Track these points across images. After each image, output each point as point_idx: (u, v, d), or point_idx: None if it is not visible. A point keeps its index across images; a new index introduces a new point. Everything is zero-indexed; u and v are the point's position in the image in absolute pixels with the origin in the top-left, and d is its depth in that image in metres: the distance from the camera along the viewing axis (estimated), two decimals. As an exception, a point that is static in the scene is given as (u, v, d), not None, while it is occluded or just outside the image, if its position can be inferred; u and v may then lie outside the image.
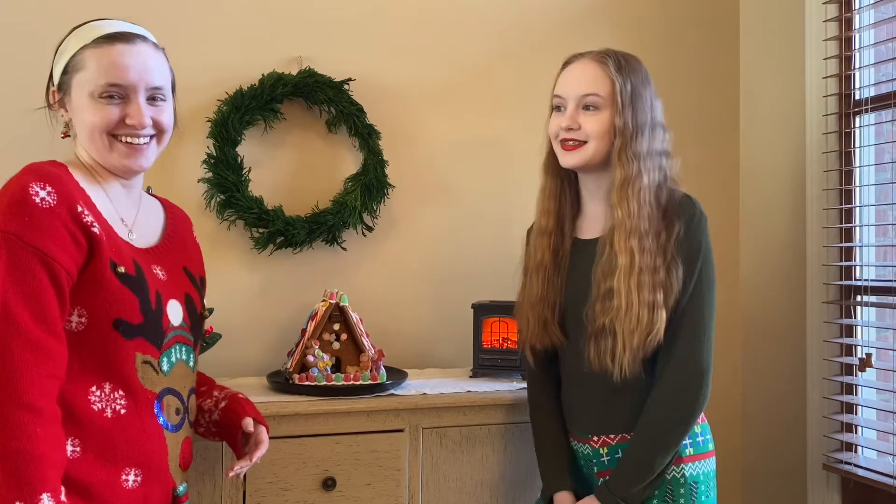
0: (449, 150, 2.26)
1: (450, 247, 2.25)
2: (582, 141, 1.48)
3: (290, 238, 2.04)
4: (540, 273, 1.57)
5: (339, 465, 1.66)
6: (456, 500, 1.76)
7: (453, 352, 2.21)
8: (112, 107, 1.22)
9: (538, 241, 1.59)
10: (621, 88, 1.45)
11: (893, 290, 1.99)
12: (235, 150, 2.02)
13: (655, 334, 1.41)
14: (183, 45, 1.74)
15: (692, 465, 1.47)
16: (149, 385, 1.20)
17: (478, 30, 2.29)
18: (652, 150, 1.47)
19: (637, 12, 2.44)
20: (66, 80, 1.24)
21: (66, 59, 1.24)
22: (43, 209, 1.11)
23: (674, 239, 1.43)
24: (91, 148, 1.24)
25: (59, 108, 1.27)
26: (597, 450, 1.52)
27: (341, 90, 2.10)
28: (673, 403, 1.43)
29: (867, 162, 2.15)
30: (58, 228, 1.12)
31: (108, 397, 1.16)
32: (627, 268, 1.41)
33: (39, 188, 1.12)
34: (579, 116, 1.48)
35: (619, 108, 1.45)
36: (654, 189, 1.46)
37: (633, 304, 1.40)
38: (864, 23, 2.16)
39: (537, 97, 2.30)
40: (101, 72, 1.21)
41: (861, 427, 2.11)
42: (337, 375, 1.76)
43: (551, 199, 1.58)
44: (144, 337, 1.19)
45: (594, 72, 1.48)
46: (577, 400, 1.55)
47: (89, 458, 1.12)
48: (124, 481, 1.15)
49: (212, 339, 1.85)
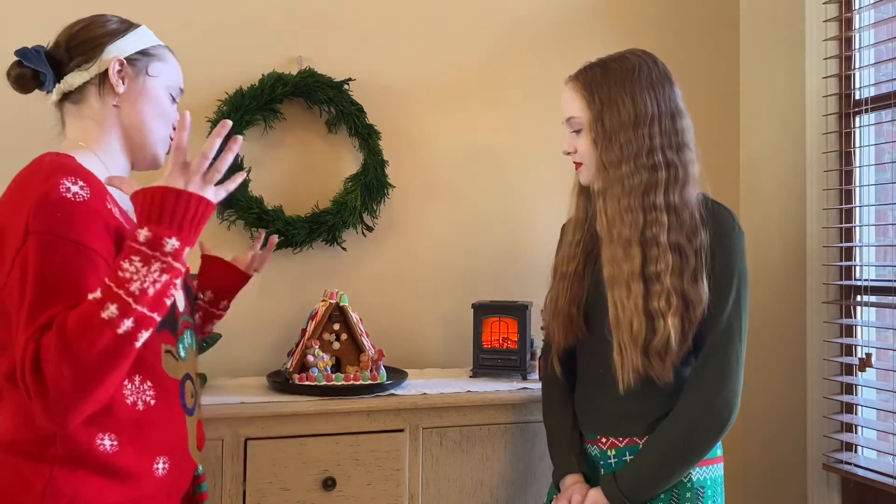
0: (449, 150, 2.26)
1: (450, 247, 2.25)
2: (580, 162, 1.50)
3: (290, 238, 2.04)
4: (566, 282, 1.55)
5: (339, 465, 1.66)
6: (456, 499, 1.76)
7: (453, 352, 2.21)
8: (174, 108, 1.31)
9: (566, 251, 1.58)
10: (589, 103, 1.45)
11: (893, 290, 1.99)
12: (235, 150, 2.02)
13: (662, 342, 1.37)
14: (183, 45, 1.73)
15: (699, 470, 1.44)
16: (171, 373, 1.21)
17: (478, 30, 2.30)
18: (633, 152, 1.41)
19: (637, 13, 2.44)
20: (143, 62, 1.26)
21: (148, 42, 1.28)
22: (77, 203, 1.07)
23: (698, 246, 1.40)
24: (144, 133, 1.26)
25: (118, 78, 1.24)
26: (604, 451, 1.50)
27: (341, 90, 2.11)
28: (701, 419, 1.39)
29: (867, 162, 2.15)
30: (95, 220, 1.08)
31: (137, 390, 1.15)
32: (610, 280, 1.42)
33: (71, 183, 1.08)
34: (573, 139, 1.50)
35: (591, 123, 1.45)
36: (638, 193, 1.41)
37: (624, 314, 1.39)
38: (864, 23, 2.16)
39: (537, 97, 2.31)
40: (178, 75, 1.32)
41: (861, 427, 2.11)
42: (337, 375, 1.76)
43: (579, 210, 1.58)
44: (167, 328, 1.20)
45: (569, 94, 1.49)
46: (589, 399, 1.54)
47: (127, 451, 1.12)
48: (156, 469, 1.16)
49: (212, 339, 1.84)
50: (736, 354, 1.40)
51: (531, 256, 1.66)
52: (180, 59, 1.34)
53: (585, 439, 1.56)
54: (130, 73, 1.25)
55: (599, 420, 1.52)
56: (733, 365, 1.40)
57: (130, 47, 1.26)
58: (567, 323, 1.54)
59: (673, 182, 1.41)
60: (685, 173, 1.42)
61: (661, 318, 1.37)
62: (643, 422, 1.46)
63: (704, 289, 1.38)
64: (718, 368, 1.39)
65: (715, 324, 1.40)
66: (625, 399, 1.45)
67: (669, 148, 1.42)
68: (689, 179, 1.43)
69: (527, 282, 2.22)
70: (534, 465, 1.81)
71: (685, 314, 1.38)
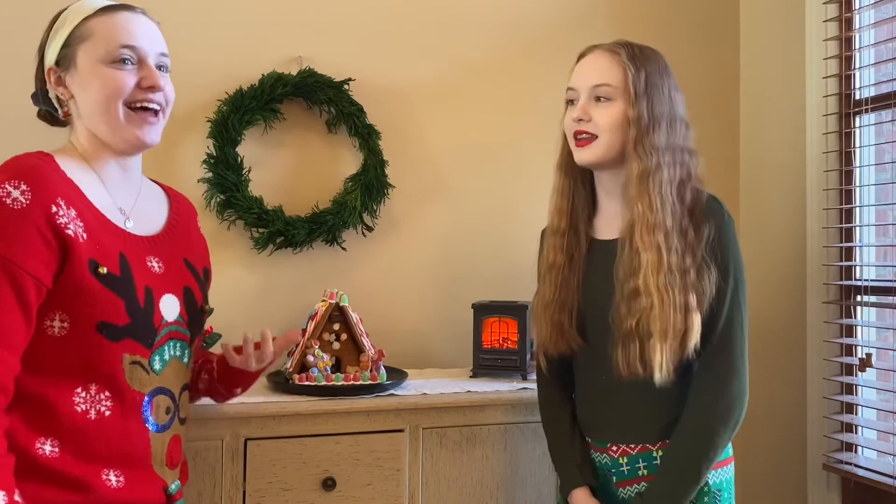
0: (449, 150, 2.26)
1: (450, 247, 2.25)
2: (593, 134, 1.41)
3: (290, 238, 2.04)
4: (553, 274, 1.50)
5: (339, 465, 1.66)
6: (456, 500, 1.76)
7: (453, 352, 2.20)
8: (126, 72, 1.18)
9: (550, 242, 1.52)
10: (634, 78, 1.38)
11: (893, 290, 1.99)
12: (235, 150, 2.02)
13: (691, 339, 1.33)
14: (183, 45, 1.73)
15: (716, 472, 1.41)
16: (137, 386, 1.18)
17: (478, 30, 2.30)
18: (672, 145, 1.39)
19: (637, 12, 2.44)
20: (68, 54, 1.19)
21: (66, 31, 1.19)
22: (14, 211, 1.06)
23: (704, 242, 1.36)
24: (101, 121, 1.19)
25: (57, 86, 1.21)
26: (616, 459, 1.45)
27: (341, 90, 2.11)
28: (713, 414, 1.36)
29: (867, 162, 2.15)
30: (27, 231, 1.06)
31: (93, 399, 1.14)
32: (655, 264, 1.33)
33: (13, 187, 1.06)
34: (591, 108, 1.41)
35: (633, 99, 1.38)
36: (675, 185, 1.38)
37: (664, 303, 1.32)
38: (864, 23, 2.16)
39: (537, 97, 2.31)
40: (113, 36, 1.18)
41: (861, 427, 2.11)
42: (337, 375, 1.76)
43: (564, 198, 1.51)
44: (132, 338, 1.16)
45: (606, 62, 1.41)
46: (596, 407, 1.49)
47: (67, 458, 1.11)
48: (106, 480, 1.14)
49: (212, 339, 1.85)
50: (739, 348, 1.38)
51: (531, 257, 1.66)
52: (180, 58, 1.33)
53: (593, 447, 1.51)
54: (63, 73, 1.21)
55: (608, 429, 1.47)
56: (738, 359, 1.38)
57: (54, 48, 1.21)
58: (557, 331, 1.49)
59: (688, 181, 1.42)
60: (695, 176, 1.43)
61: (692, 313, 1.33)
62: (653, 426, 1.42)
63: (713, 282, 1.36)
64: (724, 365, 1.37)
65: (717, 319, 1.38)
66: (635, 404, 1.42)
67: (686, 151, 1.43)
68: (694, 181, 1.43)
69: (527, 282, 2.20)
70: (534, 465, 1.80)
71: (700, 310, 1.35)
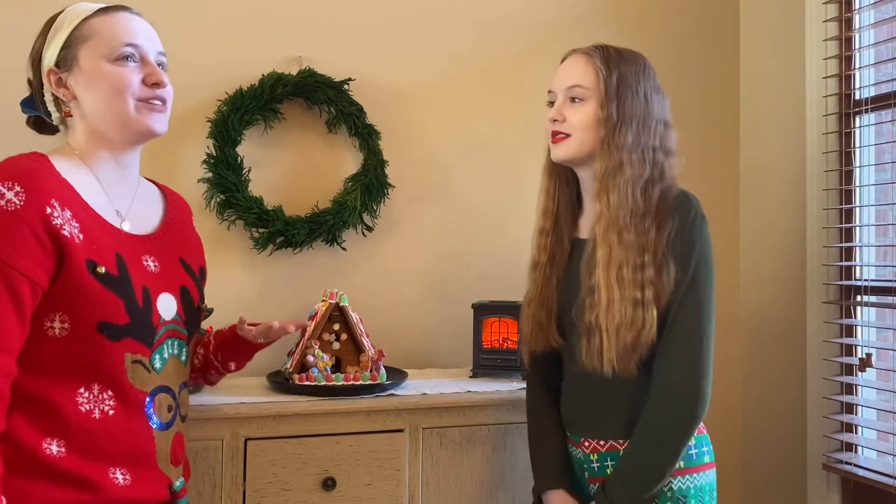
0: (449, 150, 2.26)
1: (450, 247, 2.25)
2: (567, 133, 1.47)
3: (289, 238, 2.04)
4: (536, 273, 1.56)
5: (339, 465, 1.66)
6: (456, 500, 1.76)
7: (453, 352, 2.20)
8: (130, 69, 1.20)
9: (536, 241, 1.58)
10: (605, 79, 1.44)
11: (893, 290, 1.99)
12: (235, 150, 2.02)
13: (647, 333, 1.36)
14: (183, 45, 1.74)
15: (681, 478, 1.42)
16: (139, 385, 1.19)
17: (478, 30, 2.29)
18: (641, 143, 1.43)
19: (637, 12, 2.44)
20: (69, 54, 1.20)
21: (65, 33, 1.20)
22: (7, 212, 1.07)
23: (666, 237, 1.39)
24: (110, 116, 1.20)
25: (58, 87, 1.22)
26: (588, 455, 1.49)
27: (341, 90, 2.11)
28: (669, 407, 1.38)
29: (867, 162, 2.15)
30: (22, 233, 1.07)
31: (96, 398, 1.15)
32: (606, 261, 1.39)
33: (6, 189, 1.07)
34: (566, 109, 1.48)
35: (603, 99, 1.44)
36: (640, 183, 1.42)
37: (614, 300, 1.36)
38: (864, 23, 2.16)
39: (537, 97, 2.30)
40: (116, 34, 1.20)
41: (861, 427, 2.11)
42: (337, 375, 1.76)
43: (549, 199, 1.57)
44: (133, 337, 1.17)
45: (580, 64, 1.48)
46: (572, 402, 1.53)
47: (74, 458, 1.12)
48: (113, 478, 1.15)
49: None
50: (697, 343, 1.38)
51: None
52: (180, 58, 1.34)
53: (571, 441, 1.54)
54: (64, 74, 1.21)
55: (581, 422, 1.51)
56: (695, 353, 1.38)
57: (53, 50, 1.22)
58: (538, 328, 1.54)
59: (658, 180, 1.45)
60: (668, 175, 1.47)
61: (648, 308, 1.37)
62: (619, 423, 1.44)
63: (672, 277, 1.38)
64: (679, 359, 1.38)
65: (673, 315, 1.39)
66: (605, 400, 1.45)
67: (661, 150, 1.47)
68: (666, 180, 1.46)
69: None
70: (534, 465, 1.81)
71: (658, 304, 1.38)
